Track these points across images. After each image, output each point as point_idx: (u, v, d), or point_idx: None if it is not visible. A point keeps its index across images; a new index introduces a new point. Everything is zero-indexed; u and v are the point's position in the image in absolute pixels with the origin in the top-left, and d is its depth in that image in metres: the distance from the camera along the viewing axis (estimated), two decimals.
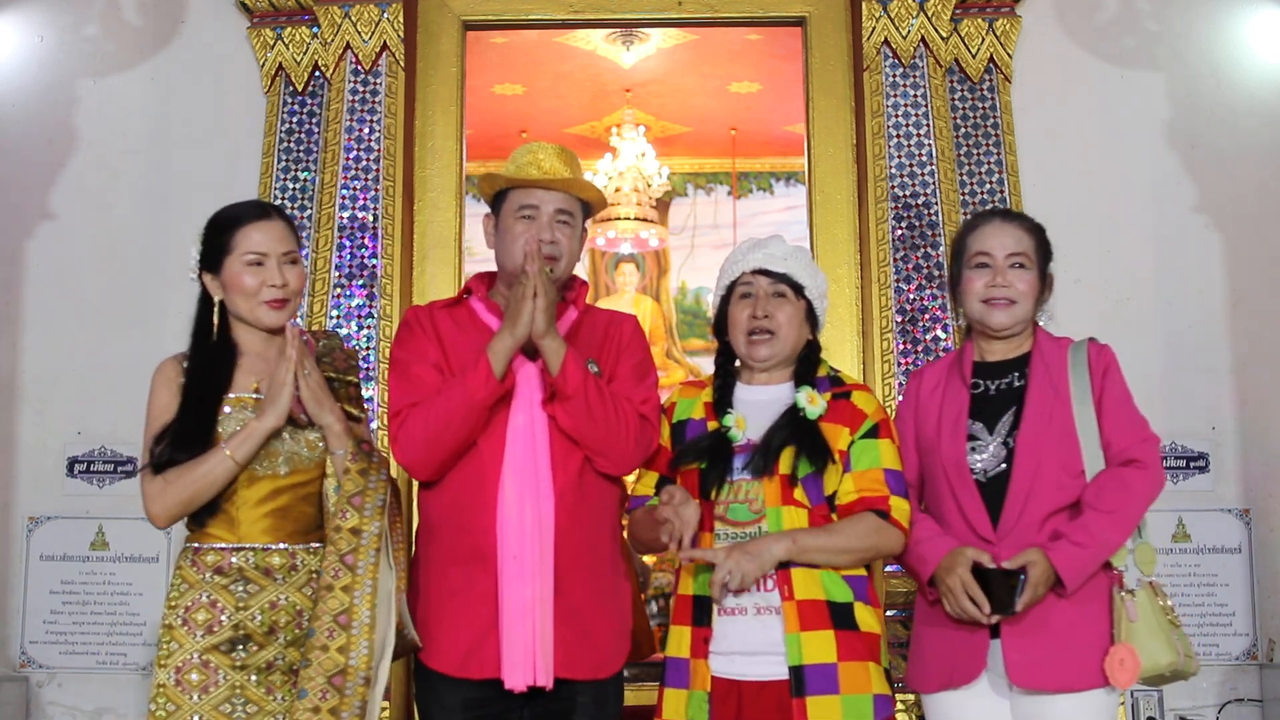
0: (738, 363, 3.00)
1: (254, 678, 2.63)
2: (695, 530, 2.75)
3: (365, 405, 3.02)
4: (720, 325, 3.01)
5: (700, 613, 2.81)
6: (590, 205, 3.01)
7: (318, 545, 2.72)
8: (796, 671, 2.71)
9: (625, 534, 3.07)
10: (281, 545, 2.69)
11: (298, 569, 2.70)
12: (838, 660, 2.72)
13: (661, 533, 2.75)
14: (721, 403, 2.92)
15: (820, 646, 2.73)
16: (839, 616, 2.76)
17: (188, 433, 2.66)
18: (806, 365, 2.95)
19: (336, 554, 2.63)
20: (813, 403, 2.85)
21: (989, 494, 2.83)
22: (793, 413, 2.85)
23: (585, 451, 2.82)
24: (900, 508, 2.82)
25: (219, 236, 2.76)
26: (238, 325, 2.79)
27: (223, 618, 2.63)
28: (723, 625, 2.80)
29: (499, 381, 2.76)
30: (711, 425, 2.90)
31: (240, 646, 2.63)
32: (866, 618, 2.80)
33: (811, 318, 2.96)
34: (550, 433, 2.81)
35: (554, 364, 2.77)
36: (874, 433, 2.86)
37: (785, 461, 2.80)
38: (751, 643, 2.77)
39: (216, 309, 2.77)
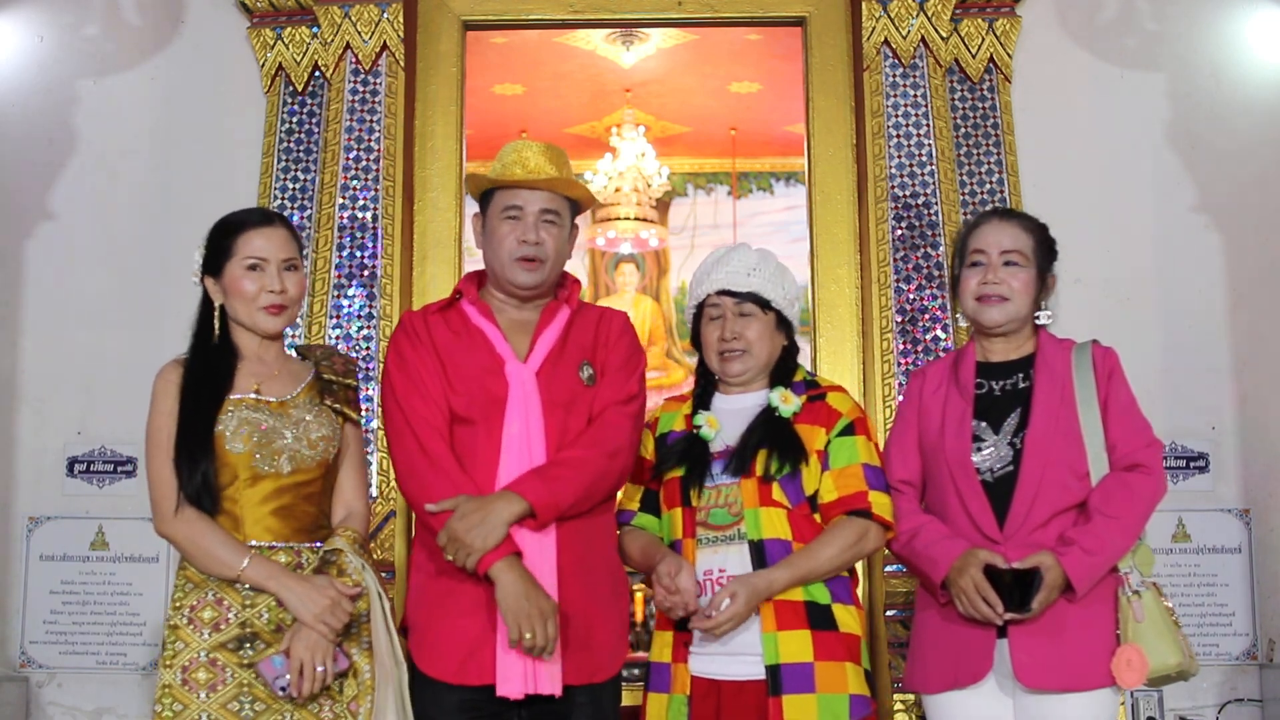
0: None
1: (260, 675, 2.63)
2: (696, 591, 2.79)
3: (364, 407, 3.03)
4: (696, 339, 3.05)
5: (681, 617, 2.84)
6: (579, 203, 3.01)
7: (322, 545, 2.76)
8: (773, 670, 2.74)
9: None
10: (287, 544, 2.71)
11: (303, 567, 2.72)
12: (814, 660, 2.74)
13: (670, 607, 2.80)
14: (698, 409, 2.97)
15: (797, 646, 2.76)
16: (816, 617, 2.79)
17: (189, 447, 2.68)
18: (782, 370, 2.98)
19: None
20: (786, 401, 2.89)
21: (995, 494, 2.84)
22: (767, 412, 2.89)
23: None
24: (880, 502, 2.86)
25: (221, 240, 2.81)
26: (237, 328, 2.82)
27: (230, 616, 2.65)
28: None
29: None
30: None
31: (248, 645, 2.64)
32: (846, 619, 2.82)
33: (784, 324, 2.99)
34: (546, 439, 2.81)
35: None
36: (849, 430, 2.89)
37: (761, 462, 2.83)
38: (731, 644, 2.79)
39: (217, 312, 2.80)
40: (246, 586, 2.67)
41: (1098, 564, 2.77)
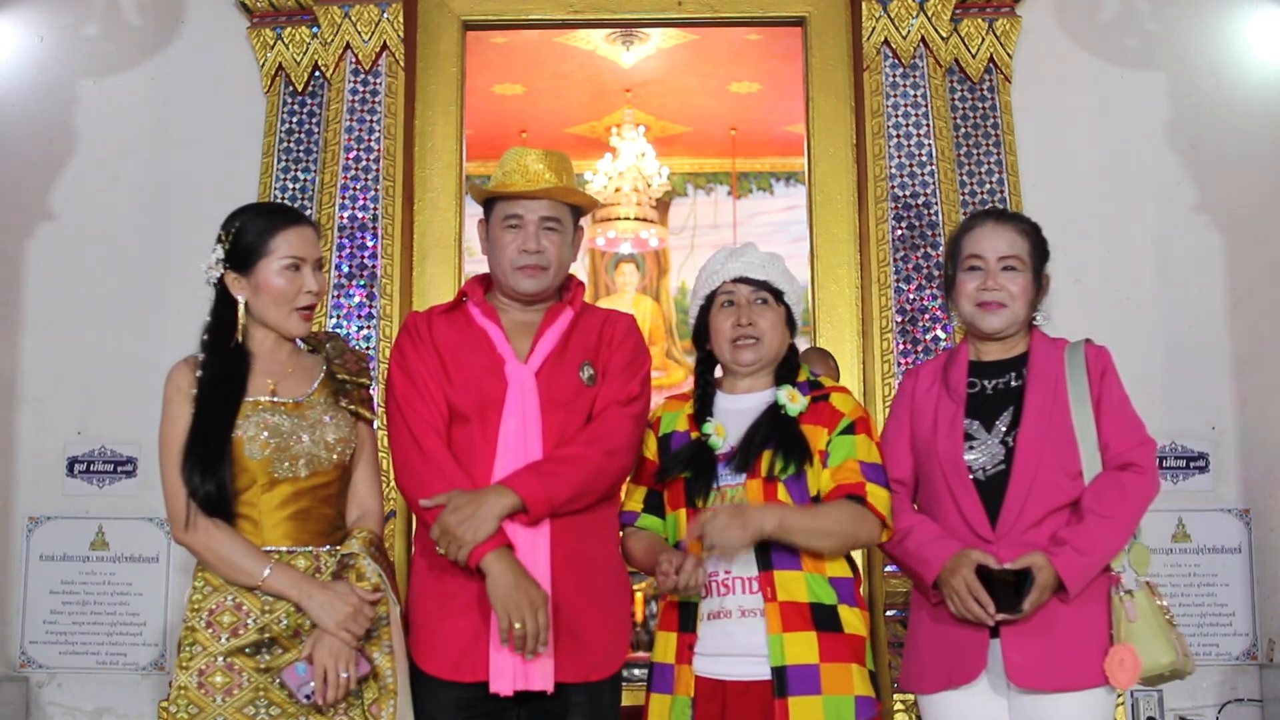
0: (718, 373, 3.03)
1: (277, 680, 2.62)
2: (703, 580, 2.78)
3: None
4: (700, 335, 3.03)
5: (686, 618, 2.83)
6: (581, 207, 3.02)
7: (339, 547, 2.74)
8: (779, 672, 2.73)
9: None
10: (306, 549, 2.69)
11: (321, 571, 2.69)
12: (820, 661, 2.74)
13: (671, 587, 2.77)
14: (701, 413, 2.96)
15: (802, 647, 2.74)
16: (822, 618, 2.78)
17: (205, 453, 2.64)
18: (787, 369, 2.98)
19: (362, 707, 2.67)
20: (793, 400, 2.89)
21: (987, 493, 2.83)
22: (774, 410, 2.88)
23: None
24: (877, 495, 2.84)
25: (254, 238, 2.73)
26: (253, 326, 2.76)
27: (248, 621, 2.63)
28: (708, 628, 2.81)
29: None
30: (694, 436, 2.93)
31: (265, 650, 2.63)
32: (851, 620, 2.81)
33: (790, 322, 3.00)
34: (543, 437, 2.81)
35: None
36: (850, 429, 2.89)
37: (765, 462, 2.83)
38: (736, 645, 2.78)
39: (241, 309, 2.74)
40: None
41: (1090, 564, 2.76)
